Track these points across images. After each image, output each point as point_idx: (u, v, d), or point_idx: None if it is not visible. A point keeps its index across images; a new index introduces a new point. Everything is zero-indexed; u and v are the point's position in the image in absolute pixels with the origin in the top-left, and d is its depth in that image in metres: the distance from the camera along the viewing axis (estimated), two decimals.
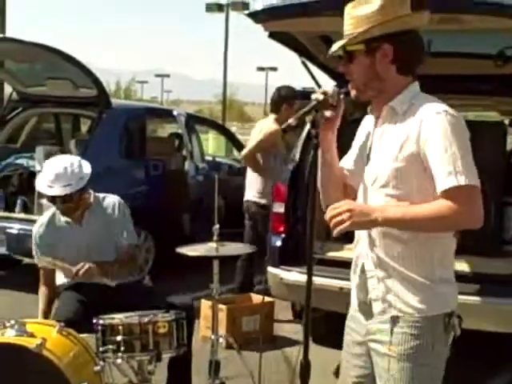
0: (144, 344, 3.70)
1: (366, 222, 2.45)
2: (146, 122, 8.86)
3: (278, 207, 5.88)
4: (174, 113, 9.37)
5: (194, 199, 8.72)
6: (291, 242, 5.80)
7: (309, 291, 2.57)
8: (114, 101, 8.89)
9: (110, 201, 4.46)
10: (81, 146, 8.12)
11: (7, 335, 3.51)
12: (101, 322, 3.70)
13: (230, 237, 4.41)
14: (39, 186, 4.25)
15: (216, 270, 4.23)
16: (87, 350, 3.70)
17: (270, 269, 5.73)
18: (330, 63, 5.42)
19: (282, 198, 5.79)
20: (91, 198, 4.43)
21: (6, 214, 7.85)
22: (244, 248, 4.26)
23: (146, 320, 3.72)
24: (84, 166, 4.30)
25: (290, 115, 2.74)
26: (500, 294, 4.98)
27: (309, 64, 5.74)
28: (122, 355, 3.70)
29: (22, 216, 7.70)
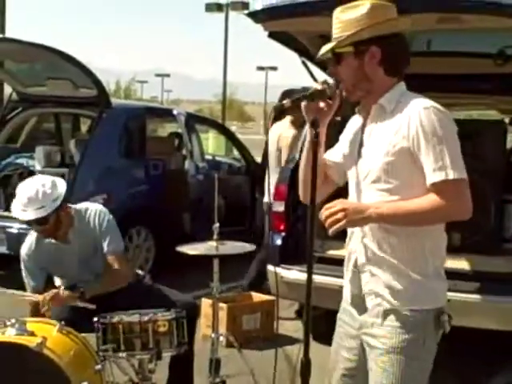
0: (144, 342, 3.70)
1: (360, 220, 2.54)
2: (146, 121, 8.85)
3: (278, 206, 5.89)
4: (174, 112, 9.37)
5: (194, 198, 8.72)
6: (291, 240, 5.81)
7: (309, 289, 2.58)
8: (114, 100, 8.89)
9: (90, 212, 4.29)
10: (81, 145, 8.13)
11: (8, 334, 3.52)
12: (101, 321, 3.71)
13: (230, 235, 4.42)
14: (13, 211, 4.09)
15: (216, 268, 4.24)
16: (88, 349, 3.70)
17: (270, 267, 5.74)
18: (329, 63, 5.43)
19: (282, 197, 5.80)
20: (72, 213, 4.28)
21: (7, 214, 7.84)
22: (244, 247, 4.24)
23: (146, 319, 3.72)
24: (58, 185, 4.13)
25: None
26: (500, 292, 4.99)
27: (309, 64, 5.75)
28: (122, 354, 3.71)
29: None
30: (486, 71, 5.57)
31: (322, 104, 2.68)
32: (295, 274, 5.46)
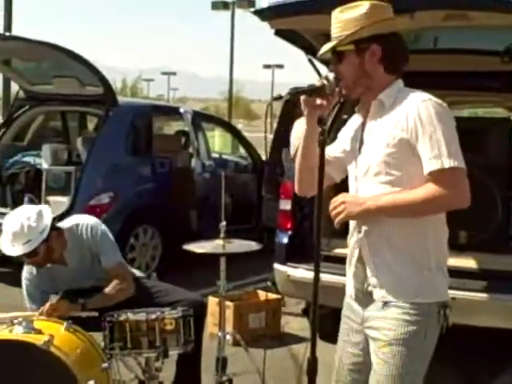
0: (151, 341, 3.71)
1: (359, 212, 2.61)
2: (152, 119, 8.86)
3: (285, 204, 5.88)
4: (181, 110, 9.36)
5: (201, 196, 8.72)
6: (298, 238, 5.80)
7: (316, 288, 2.58)
8: (121, 98, 8.90)
9: (82, 227, 4.19)
10: (87, 143, 8.14)
11: (15, 332, 3.53)
12: (108, 319, 3.71)
13: (237, 234, 4.42)
14: (2, 247, 3.98)
15: (223, 266, 4.24)
16: (94, 347, 3.71)
17: (276, 266, 5.73)
18: None
19: (289, 195, 5.79)
20: (65, 235, 4.18)
21: None
22: (250, 245, 4.24)
23: (153, 317, 3.72)
24: (44, 216, 3.99)
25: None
26: (508, 290, 4.98)
27: (315, 61, 5.73)
28: (129, 352, 3.72)
29: None
30: (493, 69, 5.54)
31: (319, 101, 2.71)
32: (302, 273, 5.46)
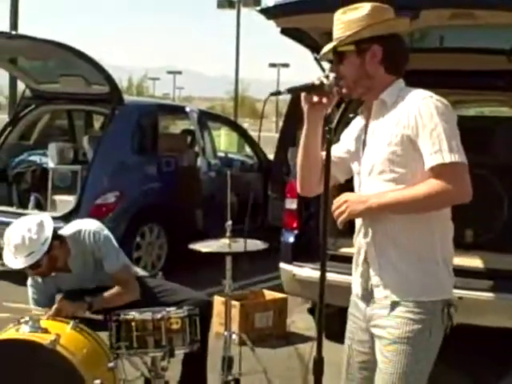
0: (157, 340, 3.71)
1: (362, 210, 2.62)
2: (158, 118, 8.86)
3: (291, 203, 5.87)
4: (187, 109, 9.36)
5: (207, 195, 8.72)
6: (304, 238, 5.80)
7: (322, 287, 2.58)
8: (127, 97, 8.91)
9: (84, 233, 4.15)
10: (93, 142, 8.16)
11: (22, 331, 3.54)
12: (114, 319, 3.72)
13: (243, 233, 4.41)
14: (5, 260, 3.95)
15: (229, 266, 4.23)
16: (101, 346, 3.72)
17: (282, 265, 5.73)
18: None
19: (295, 194, 5.77)
20: (68, 243, 4.13)
21: (20, 211, 7.88)
22: (256, 244, 4.23)
23: (159, 316, 3.72)
24: (45, 226, 3.94)
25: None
26: None
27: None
28: (135, 351, 3.72)
29: (35, 213, 7.70)
30: (499, 67, 5.53)
31: (316, 98, 2.73)
32: (308, 272, 5.45)
